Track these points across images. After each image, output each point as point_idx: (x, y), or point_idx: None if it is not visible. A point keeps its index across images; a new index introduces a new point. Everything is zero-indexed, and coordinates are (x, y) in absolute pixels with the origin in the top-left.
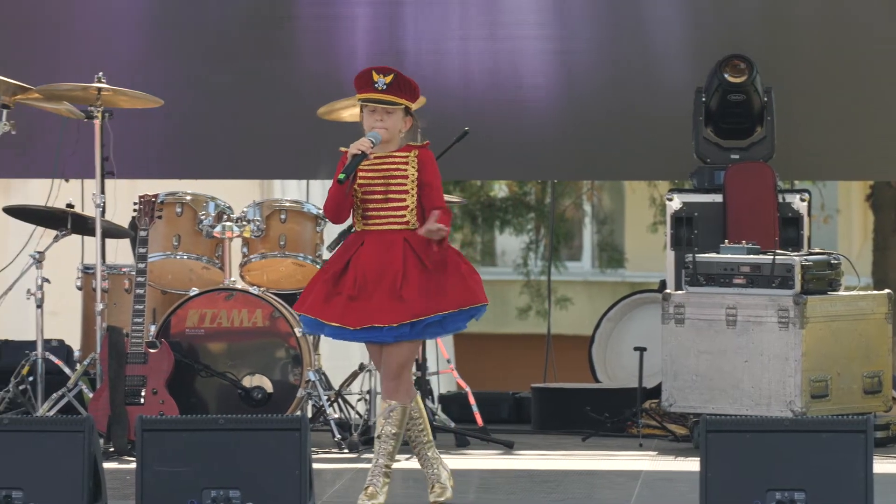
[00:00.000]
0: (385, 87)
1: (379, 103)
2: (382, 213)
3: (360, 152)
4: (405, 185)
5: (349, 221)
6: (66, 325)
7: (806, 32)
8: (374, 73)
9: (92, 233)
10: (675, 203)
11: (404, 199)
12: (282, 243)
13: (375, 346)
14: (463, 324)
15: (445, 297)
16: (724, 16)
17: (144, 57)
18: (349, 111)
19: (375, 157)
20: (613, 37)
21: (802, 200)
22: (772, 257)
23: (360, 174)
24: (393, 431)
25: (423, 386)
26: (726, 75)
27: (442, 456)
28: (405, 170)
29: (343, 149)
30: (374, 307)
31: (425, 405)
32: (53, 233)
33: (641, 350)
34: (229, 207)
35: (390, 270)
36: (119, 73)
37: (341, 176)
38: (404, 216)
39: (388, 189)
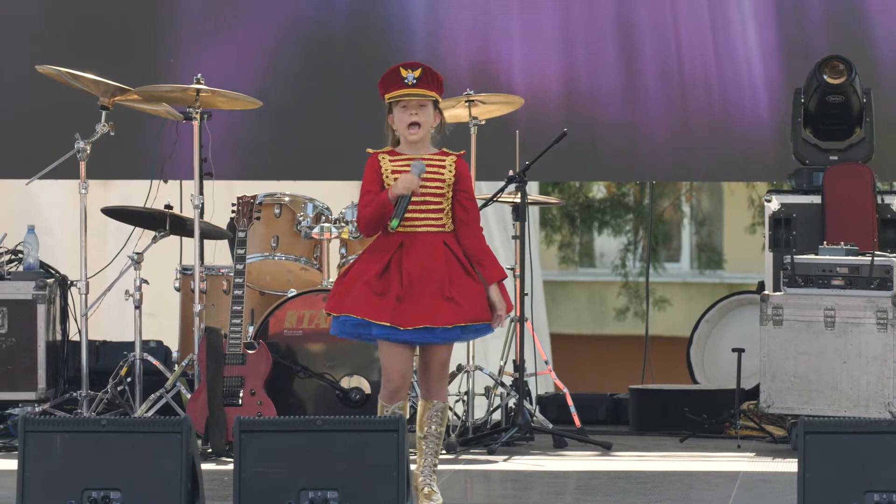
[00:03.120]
0: (415, 81)
1: (412, 97)
2: (420, 216)
3: (408, 193)
4: (442, 188)
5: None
6: (164, 327)
7: None
8: (401, 70)
9: (190, 234)
10: (774, 204)
11: (441, 203)
12: None
13: (404, 348)
14: (486, 334)
15: (488, 305)
16: (824, 16)
17: (243, 58)
18: (448, 112)
19: (412, 160)
20: (714, 37)
21: None
22: (870, 259)
23: (397, 177)
24: (440, 430)
25: (521, 387)
26: (825, 76)
27: (539, 457)
28: (442, 173)
29: (370, 150)
30: (425, 308)
31: (523, 406)
32: (152, 234)
33: (739, 351)
34: (328, 209)
35: (436, 272)
36: (217, 74)
37: (394, 223)
38: (441, 219)
39: (425, 192)
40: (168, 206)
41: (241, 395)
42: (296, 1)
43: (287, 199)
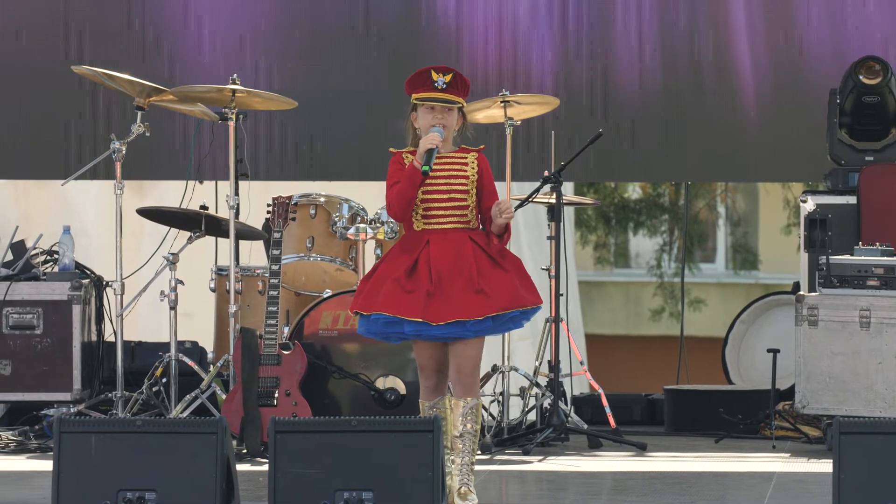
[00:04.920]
0: (445, 86)
1: (440, 102)
2: (445, 212)
3: (434, 146)
4: (466, 185)
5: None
6: (199, 327)
7: None
8: (433, 73)
9: (226, 234)
10: (809, 205)
11: (465, 199)
12: None
13: (434, 345)
14: (522, 323)
15: (519, 293)
16: (859, 17)
17: (278, 58)
18: (483, 112)
19: (437, 157)
20: (749, 39)
21: None
22: None
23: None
24: (476, 428)
25: (556, 387)
26: (861, 77)
27: (574, 458)
28: (465, 170)
29: (393, 149)
30: (455, 302)
31: (558, 407)
32: (187, 235)
33: (775, 352)
34: (363, 209)
35: (465, 267)
36: (253, 75)
37: (426, 168)
38: (466, 215)
39: (450, 188)
40: (203, 207)
41: (276, 395)
42: (332, 0)
43: (322, 199)
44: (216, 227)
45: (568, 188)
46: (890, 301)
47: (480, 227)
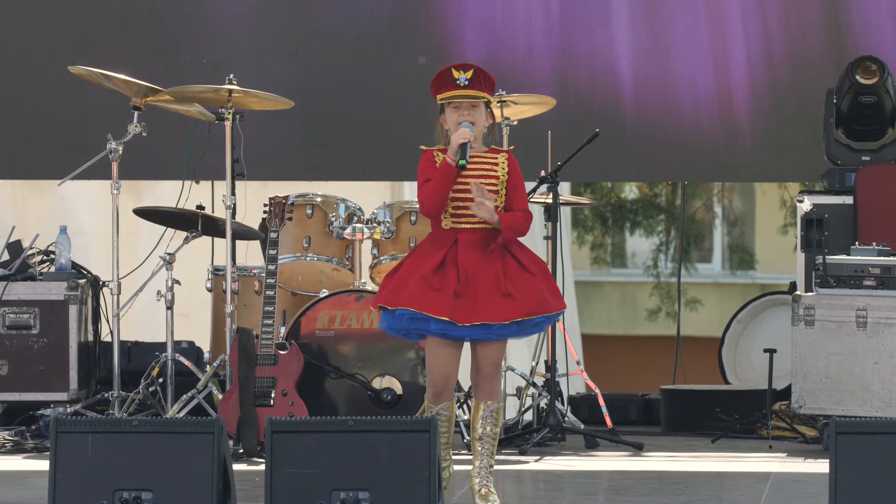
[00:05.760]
0: (467, 82)
1: (464, 99)
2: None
3: (466, 140)
4: (496, 185)
5: None
6: (196, 327)
7: None
8: (453, 71)
9: (222, 234)
10: (806, 205)
11: (495, 200)
12: (412, 245)
13: (453, 347)
14: (545, 327)
15: (545, 298)
16: (857, 18)
17: (275, 59)
18: None
19: (469, 156)
20: (745, 39)
21: None
22: None
23: None
24: (495, 431)
25: (552, 387)
26: (857, 77)
27: (571, 458)
28: (496, 171)
29: (423, 147)
30: (482, 304)
31: (555, 407)
32: (184, 234)
33: (771, 352)
34: (360, 209)
35: (491, 269)
36: (249, 75)
37: (463, 161)
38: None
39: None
40: (200, 207)
41: (272, 395)
42: (329, 1)
43: (319, 199)
44: (213, 227)
45: (564, 188)
46: (886, 301)
47: None
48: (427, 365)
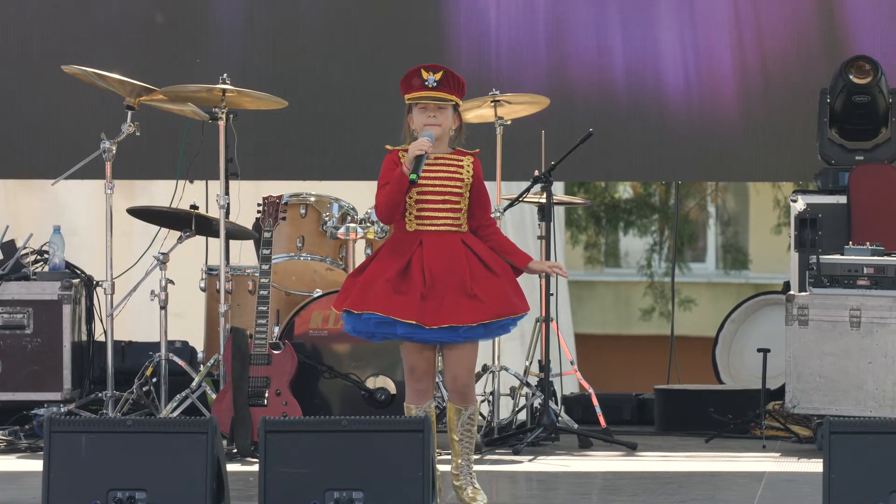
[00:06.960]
0: (435, 84)
1: (432, 100)
2: (440, 214)
3: (423, 153)
4: (461, 188)
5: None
6: (189, 327)
7: None
8: (423, 71)
9: (216, 234)
10: (800, 204)
11: (459, 202)
12: None
13: (428, 347)
14: (510, 329)
15: (511, 299)
16: (850, 17)
17: (269, 58)
18: (474, 112)
19: (434, 157)
20: (738, 39)
21: None
22: None
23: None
24: (474, 430)
25: (546, 387)
26: (851, 76)
27: (564, 458)
28: (461, 174)
29: (389, 146)
30: (448, 306)
31: (549, 406)
32: (178, 234)
33: (765, 351)
34: (353, 208)
35: (457, 270)
36: (243, 75)
37: (413, 176)
38: (458, 218)
39: (445, 190)
40: (194, 207)
41: (266, 395)
42: (322, 1)
43: (313, 199)
44: (206, 226)
45: (558, 188)
46: (880, 301)
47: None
48: (406, 365)
